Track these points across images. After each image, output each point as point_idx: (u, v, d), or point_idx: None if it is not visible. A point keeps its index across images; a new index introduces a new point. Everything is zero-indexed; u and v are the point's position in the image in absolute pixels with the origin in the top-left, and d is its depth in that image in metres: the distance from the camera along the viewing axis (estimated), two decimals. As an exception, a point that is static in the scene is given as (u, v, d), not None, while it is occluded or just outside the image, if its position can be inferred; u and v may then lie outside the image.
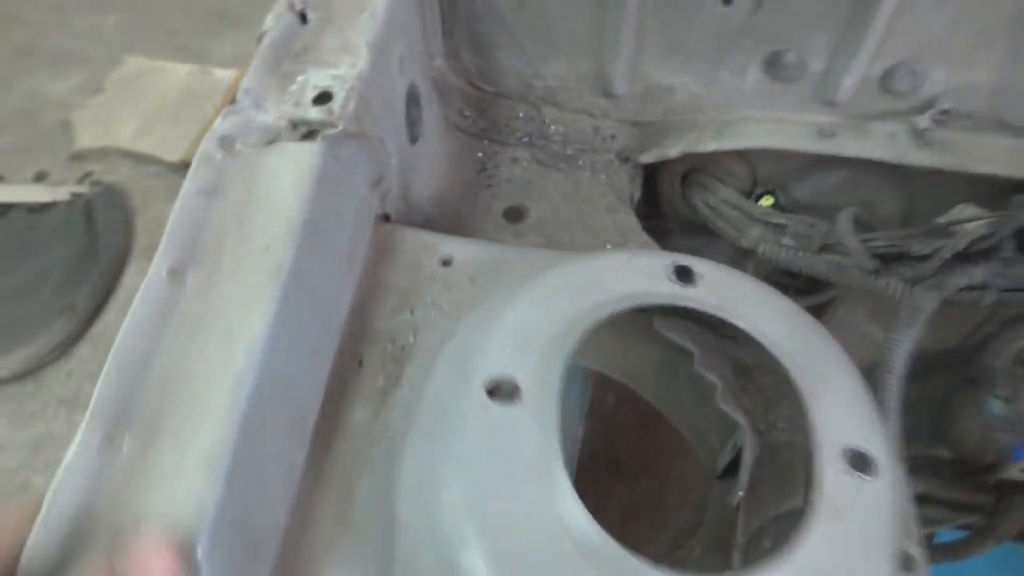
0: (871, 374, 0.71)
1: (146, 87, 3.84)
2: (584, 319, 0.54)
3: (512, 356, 0.52)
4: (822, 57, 0.72)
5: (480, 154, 0.85)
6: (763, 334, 0.56)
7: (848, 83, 0.73)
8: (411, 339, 0.60)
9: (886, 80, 0.72)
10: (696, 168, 0.86)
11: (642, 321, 0.67)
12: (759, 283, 0.60)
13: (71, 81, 4.02)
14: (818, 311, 1.04)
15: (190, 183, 0.53)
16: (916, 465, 1.25)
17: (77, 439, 0.44)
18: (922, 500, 1.29)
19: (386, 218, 0.67)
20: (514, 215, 0.79)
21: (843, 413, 0.53)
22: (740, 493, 0.60)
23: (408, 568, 0.48)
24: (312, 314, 0.54)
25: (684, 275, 0.59)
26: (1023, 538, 1.26)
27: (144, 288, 0.49)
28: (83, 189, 3.30)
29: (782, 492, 0.58)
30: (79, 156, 3.75)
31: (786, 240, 0.78)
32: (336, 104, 0.57)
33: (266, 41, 0.60)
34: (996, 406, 0.66)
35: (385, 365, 0.58)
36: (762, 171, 0.84)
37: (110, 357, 0.46)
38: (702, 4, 0.70)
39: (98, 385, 0.45)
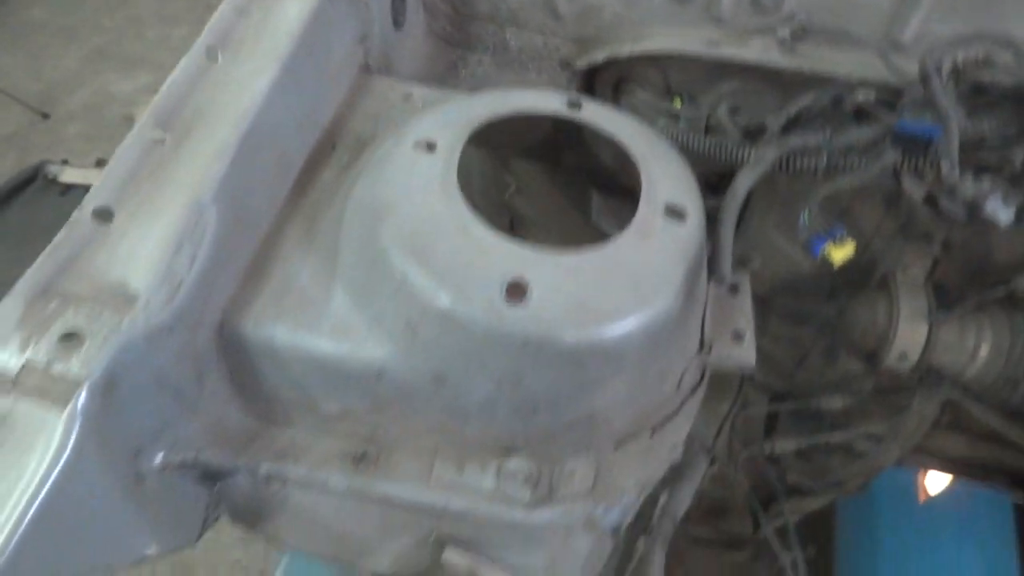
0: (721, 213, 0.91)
1: (203, 89, 4.18)
2: (491, 114, 0.76)
3: (435, 128, 0.74)
4: (707, -21, 0.95)
5: (453, 57, 1.09)
6: (620, 137, 0.77)
7: (727, 3, 0.95)
8: (371, 136, 0.82)
9: (755, -2, 0.94)
10: (623, 78, 1.09)
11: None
12: (626, 113, 0.82)
13: (138, 82, 4.45)
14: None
15: (227, 2, 0.77)
16: (839, 385, 1.42)
17: (134, 131, 0.67)
18: (846, 416, 1.44)
19: (367, 69, 0.91)
20: (472, 96, 1.02)
21: (668, 182, 0.73)
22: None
23: (346, 250, 0.70)
24: (300, 98, 0.77)
25: (574, 104, 0.81)
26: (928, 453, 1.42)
27: (188, 56, 0.73)
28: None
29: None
30: (137, 147, 4.12)
31: (682, 125, 1.00)
32: (334, -33, 0.81)
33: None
34: (803, 216, 0.84)
35: (350, 150, 0.81)
36: (673, 79, 1.06)
37: (163, 87, 0.70)
38: (616, -65, 0.94)
39: (151, 103, 0.69)
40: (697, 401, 0.89)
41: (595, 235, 1.23)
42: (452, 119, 0.76)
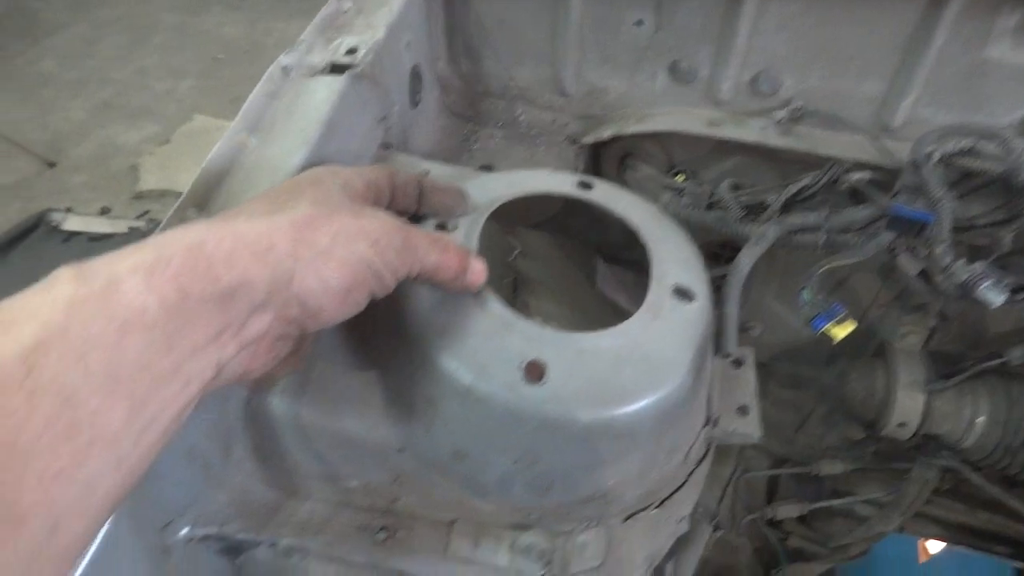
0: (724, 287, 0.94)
1: (209, 141, 4.30)
2: (507, 195, 0.80)
3: (455, 210, 0.78)
4: (707, 66, 1.01)
5: (466, 131, 1.14)
6: (629, 218, 0.81)
7: (726, 86, 1.01)
8: (393, 213, 0.86)
9: (753, 84, 1.00)
10: (628, 153, 1.14)
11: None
12: (634, 193, 0.86)
13: (143, 132, 4.54)
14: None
15: (260, 87, 0.81)
16: (840, 451, 1.43)
17: (172, 209, 0.70)
18: (847, 481, 1.46)
19: (387, 147, 0.95)
20: (485, 169, 1.07)
21: (676, 265, 0.77)
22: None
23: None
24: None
25: (585, 185, 0.85)
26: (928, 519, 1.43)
27: (224, 138, 0.76)
28: (140, 224, 3.66)
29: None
30: (141, 196, 4.19)
31: (685, 201, 1.04)
32: (359, 55, 0.86)
33: (318, 17, 0.91)
34: (804, 294, 0.88)
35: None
36: (676, 156, 1.11)
37: (200, 167, 0.73)
38: (620, 25, 1.00)
39: (190, 184, 0.72)
40: (703, 472, 0.90)
41: (599, 299, 1.27)
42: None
